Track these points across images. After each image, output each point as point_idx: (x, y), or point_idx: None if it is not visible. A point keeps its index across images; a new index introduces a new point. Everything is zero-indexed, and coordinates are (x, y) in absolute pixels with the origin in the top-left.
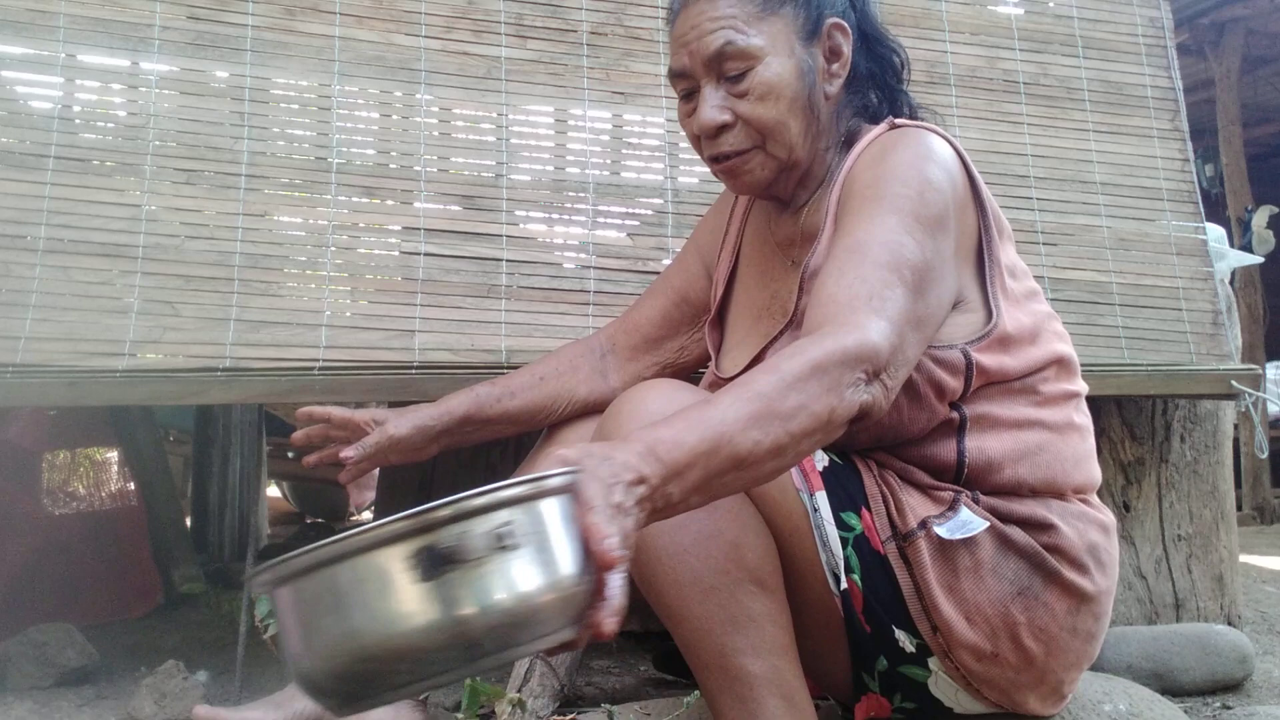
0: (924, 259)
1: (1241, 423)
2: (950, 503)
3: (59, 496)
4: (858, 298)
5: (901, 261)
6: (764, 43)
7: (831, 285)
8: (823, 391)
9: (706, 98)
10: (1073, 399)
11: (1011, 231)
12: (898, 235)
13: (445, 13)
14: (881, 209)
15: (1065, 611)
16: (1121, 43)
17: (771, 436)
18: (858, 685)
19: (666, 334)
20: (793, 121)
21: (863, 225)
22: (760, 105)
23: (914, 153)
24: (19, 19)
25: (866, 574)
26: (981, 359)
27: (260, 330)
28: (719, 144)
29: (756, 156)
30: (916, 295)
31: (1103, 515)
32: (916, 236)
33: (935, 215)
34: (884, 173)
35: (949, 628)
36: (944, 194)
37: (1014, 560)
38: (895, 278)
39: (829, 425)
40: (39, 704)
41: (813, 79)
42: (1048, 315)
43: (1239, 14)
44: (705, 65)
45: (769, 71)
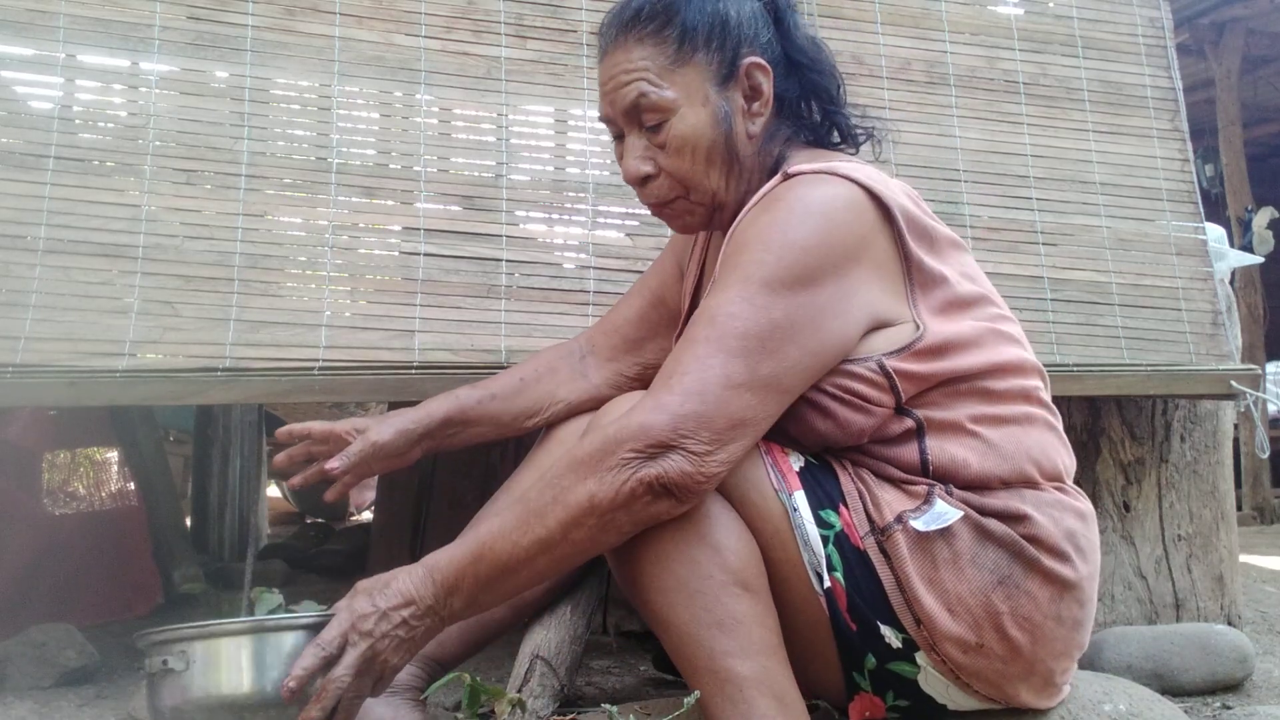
0: (766, 323)
1: (1241, 423)
2: (925, 496)
3: (59, 496)
4: (659, 379)
5: (729, 332)
6: (676, 94)
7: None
8: (577, 481)
9: (630, 148)
10: (1030, 393)
11: (956, 239)
12: (733, 306)
13: (445, 13)
14: (728, 280)
15: (1048, 599)
16: (1121, 43)
17: (530, 535)
18: (850, 686)
19: (645, 335)
20: (711, 170)
21: (711, 299)
22: (677, 158)
23: (785, 213)
24: (19, 19)
25: (848, 571)
26: (902, 366)
27: (260, 330)
28: (647, 193)
29: (681, 204)
30: (749, 358)
31: (1079, 502)
32: (759, 301)
33: (798, 275)
34: (748, 238)
35: (931, 620)
36: (814, 252)
37: (993, 550)
38: (713, 349)
39: (596, 510)
40: (39, 704)
41: (729, 125)
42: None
43: (1239, 14)
44: (625, 116)
45: (684, 125)
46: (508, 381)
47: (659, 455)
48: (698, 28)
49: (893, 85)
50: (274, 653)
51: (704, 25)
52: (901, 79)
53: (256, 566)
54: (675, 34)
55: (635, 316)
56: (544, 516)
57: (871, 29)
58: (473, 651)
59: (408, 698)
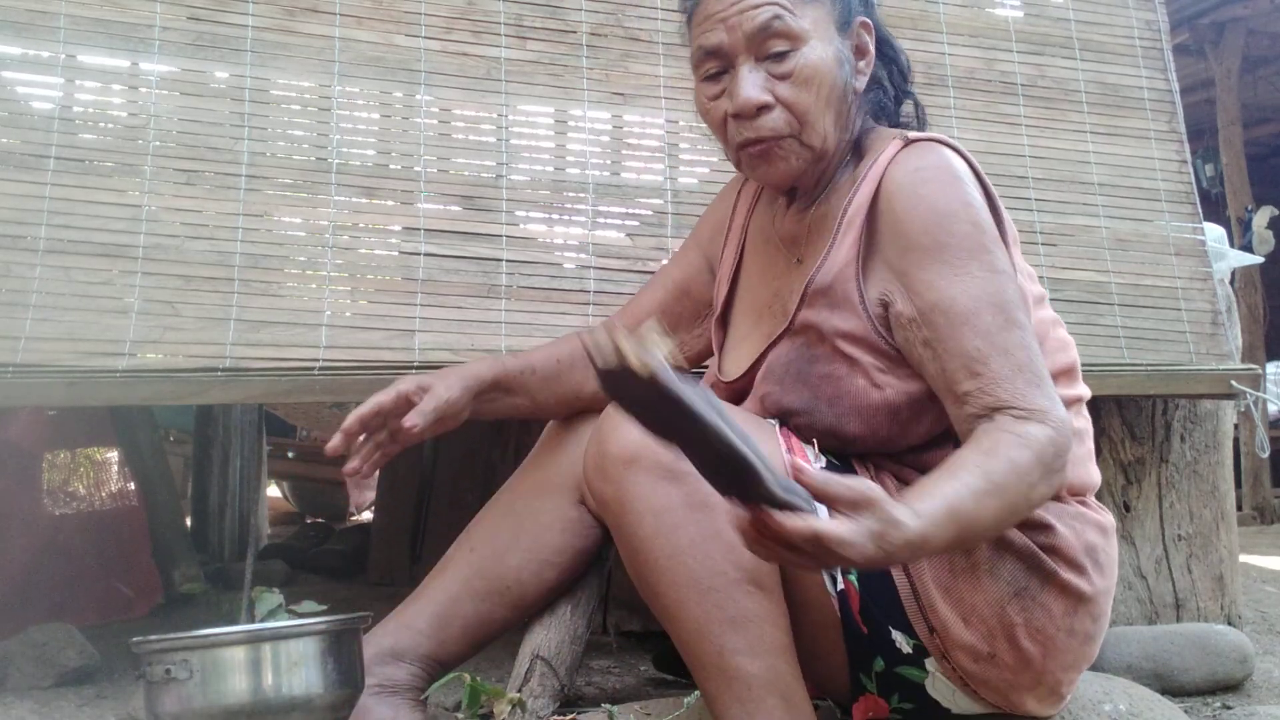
0: (1014, 285)
1: (1242, 423)
2: None
3: (59, 496)
4: (1014, 375)
5: (1010, 307)
6: (809, 25)
7: (981, 367)
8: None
9: (745, 76)
10: (1074, 403)
11: (1018, 235)
12: (991, 283)
13: (445, 13)
14: (958, 260)
15: (1063, 612)
16: (1118, 45)
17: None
18: (855, 686)
19: (669, 326)
20: (828, 111)
21: (956, 286)
22: (803, 90)
23: (944, 180)
24: (19, 19)
25: (863, 575)
26: None
27: (260, 330)
28: (757, 127)
29: (790, 144)
30: (1028, 322)
31: (1101, 516)
32: (998, 267)
33: (992, 234)
34: (930, 213)
35: (946, 629)
36: (984, 209)
37: (1011, 561)
38: (1019, 332)
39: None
40: (39, 704)
41: (847, 70)
42: (1053, 322)
43: (1239, 14)
44: (747, 41)
45: (814, 54)
46: (545, 359)
47: (1065, 453)
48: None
49: None
50: (276, 661)
51: None
52: None
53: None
54: None
55: (658, 309)
56: (1016, 513)
57: None
58: (474, 652)
59: (408, 698)
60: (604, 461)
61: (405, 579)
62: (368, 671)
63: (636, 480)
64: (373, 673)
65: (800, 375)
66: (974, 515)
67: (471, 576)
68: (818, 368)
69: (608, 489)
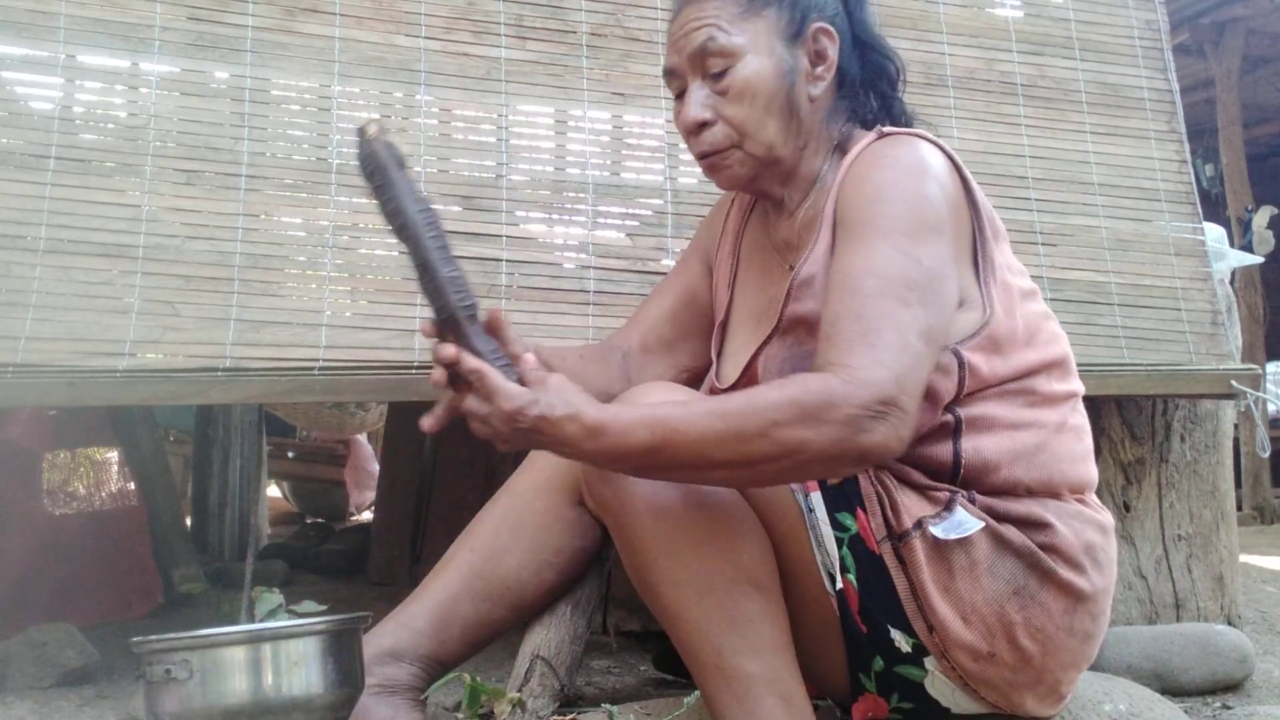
0: (922, 272)
1: (1242, 423)
2: (946, 503)
3: (59, 496)
4: (855, 337)
5: (901, 283)
6: (744, 41)
7: (830, 327)
8: (791, 422)
9: (691, 95)
10: (1069, 399)
11: (1005, 231)
12: (891, 258)
13: (445, 14)
14: (872, 234)
15: (1062, 611)
16: (1118, 45)
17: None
18: (855, 686)
19: (678, 336)
20: (770, 120)
21: (857, 255)
22: (737, 104)
23: (901, 166)
24: (19, 19)
25: (862, 574)
26: (973, 359)
27: (260, 330)
28: (699, 141)
29: (735, 154)
30: (925, 309)
31: (1100, 515)
32: (913, 252)
33: (928, 224)
34: (872, 193)
35: (945, 627)
36: (935, 202)
37: (1010, 560)
38: (895, 304)
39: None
40: (39, 704)
41: (792, 80)
42: (1044, 315)
43: (1239, 14)
44: (690, 62)
45: (747, 69)
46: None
47: (879, 417)
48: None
49: None
50: (276, 661)
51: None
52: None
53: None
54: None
55: (668, 316)
56: (745, 442)
57: None
58: (473, 652)
59: (408, 698)
60: None
61: (405, 579)
62: (367, 671)
63: (635, 481)
64: (372, 673)
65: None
66: (680, 427)
67: (471, 577)
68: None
69: (606, 490)
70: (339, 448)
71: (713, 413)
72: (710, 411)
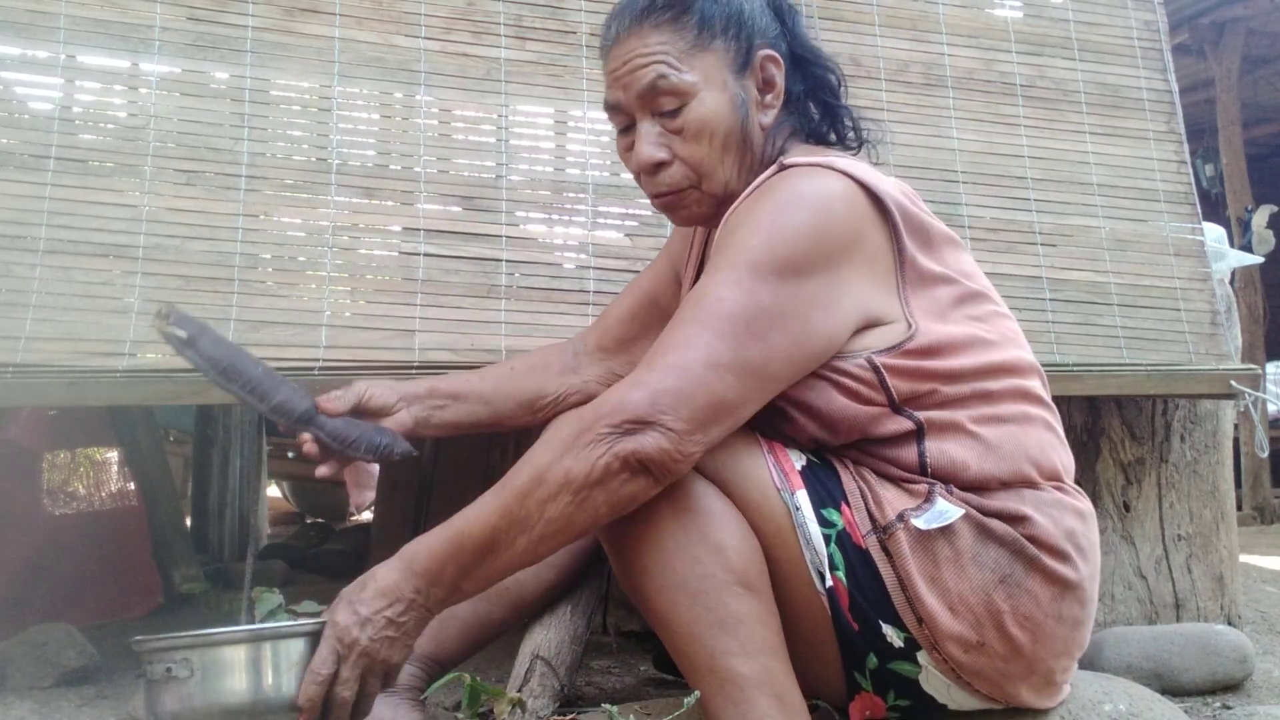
0: (751, 306)
1: (1241, 423)
2: (926, 495)
3: (59, 496)
4: (644, 359)
5: (718, 314)
6: (697, 79)
7: (654, 348)
8: (554, 458)
9: (643, 134)
10: (1028, 394)
11: (951, 235)
12: (720, 290)
13: (445, 14)
14: (720, 265)
15: (1049, 598)
16: (1117, 46)
17: (508, 516)
18: (850, 685)
19: (636, 333)
20: (727, 157)
21: (697, 285)
22: (694, 143)
23: (779, 201)
24: (19, 20)
25: (850, 570)
26: (894, 363)
27: (260, 330)
28: (657, 183)
29: (692, 194)
30: (729, 342)
31: (1079, 502)
32: (746, 285)
33: (787, 262)
34: (736, 224)
35: (933, 619)
36: (809, 236)
37: (994, 549)
38: (699, 330)
39: (571, 486)
40: (39, 704)
41: (745, 111)
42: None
43: (1239, 14)
44: (639, 100)
45: (703, 108)
46: (499, 369)
47: (636, 431)
48: (715, 16)
49: (890, 87)
50: (276, 660)
51: (721, 14)
52: (899, 81)
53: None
54: (694, 21)
55: (626, 315)
56: (523, 497)
57: (870, 31)
58: (473, 651)
59: (408, 698)
60: None
61: None
62: None
63: None
64: None
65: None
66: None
67: None
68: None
69: None
70: None
71: (493, 491)
72: (492, 491)
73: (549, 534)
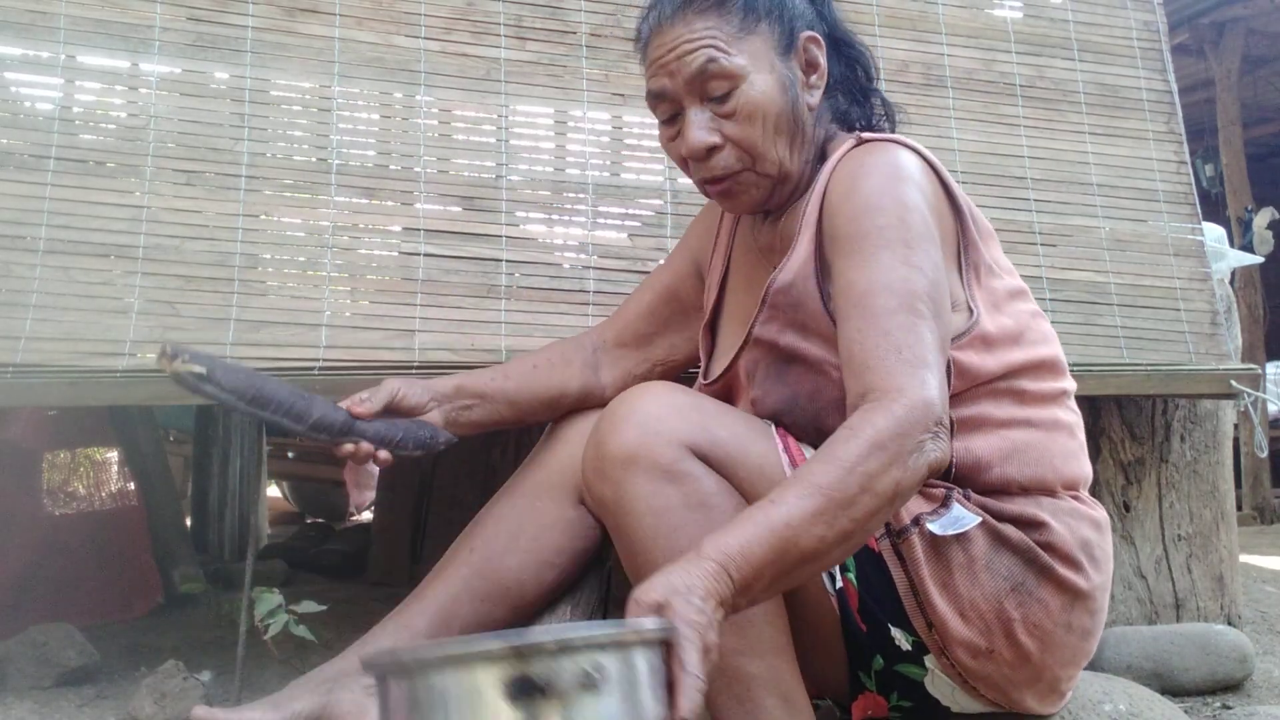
0: (928, 281)
1: (1241, 423)
2: (942, 499)
3: (59, 496)
4: (888, 356)
5: (913, 296)
6: (746, 61)
7: (857, 349)
8: (882, 469)
9: (693, 120)
10: (1060, 397)
11: (993, 230)
12: (898, 271)
13: (444, 14)
14: (872, 247)
15: (1060, 608)
16: (1117, 46)
17: (837, 528)
18: (854, 684)
19: (655, 330)
20: (779, 139)
21: (863, 270)
22: (747, 126)
23: (883, 176)
24: (19, 20)
25: (861, 572)
26: (959, 357)
27: (260, 330)
28: (710, 167)
29: (748, 177)
30: (936, 320)
31: (1095, 511)
32: (914, 262)
33: (920, 231)
34: (861, 204)
35: (944, 624)
36: (921, 209)
37: (1007, 556)
38: (913, 318)
39: (897, 498)
40: (39, 704)
41: (795, 93)
42: (1033, 314)
43: (1239, 14)
44: (688, 86)
45: (754, 90)
46: (521, 365)
47: (938, 435)
48: (758, 1)
49: (890, 87)
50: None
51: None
52: (899, 81)
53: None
54: (739, 5)
55: (646, 312)
56: (851, 506)
57: (870, 31)
58: None
59: None
60: (602, 462)
61: (405, 579)
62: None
63: (635, 481)
64: None
65: (778, 376)
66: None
67: (471, 577)
68: (793, 367)
69: (606, 490)
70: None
71: (803, 493)
72: (801, 493)
73: (857, 543)
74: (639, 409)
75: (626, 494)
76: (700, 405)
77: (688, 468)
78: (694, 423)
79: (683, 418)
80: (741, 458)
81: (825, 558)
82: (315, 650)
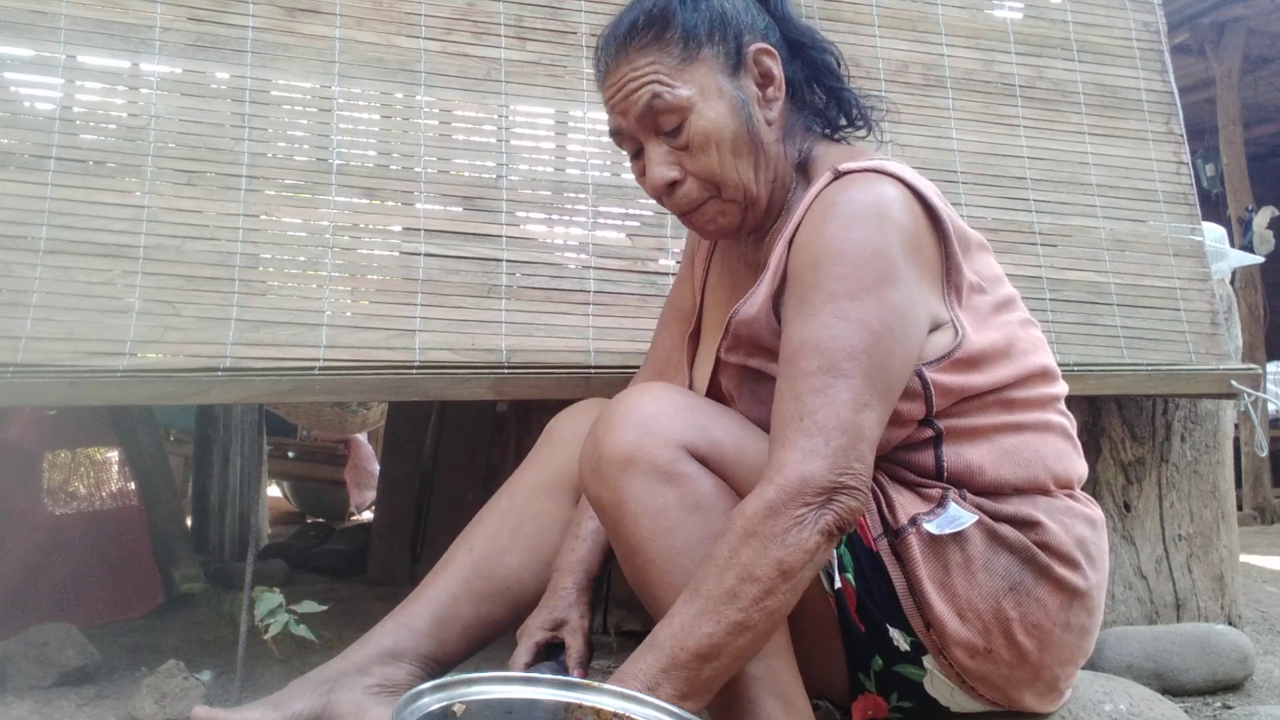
0: (869, 334)
1: (1241, 423)
2: (939, 499)
3: (59, 496)
4: (789, 425)
5: (840, 355)
6: (692, 92)
7: (775, 412)
8: (757, 556)
9: (651, 156)
10: (1050, 402)
11: (983, 240)
12: (832, 329)
13: (445, 14)
14: (818, 302)
15: (1057, 607)
16: (1116, 47)
17: (725, 621)
18: (854, 685)
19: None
20: (740, 162)
21: (797, 326)
22: (702, 156)
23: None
24: (20, 20)
25: (860, 572)
26: (940, 379)
27: (261, 330)
28: (676, 201)
29: (713, 205)
30: (866, 376)
31: (1090, 510)
32: (855, 316)
33: (878, 276)
34: (820, 253)
35: (942, 624)
36: (889, 250)
37: (1004, 556)
38: (829, 379)
39: (791, 574)
40: (39, 704)
41: (747, 113)
42: (1021, 323)
43: (1239, 14)
44: (640, 124)
45: (703, 120)
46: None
47: (829, 500)
48: (698, 25)
49: (890, 88)
50: None
51: (703, 22)
52: (899, 81)
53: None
54: (677, 35)
55: (677, 345)
56: (736, 598)
57: (869, 32)
58: (474, 652)
59: None
60: (599, 463)
61: (405, 579)
62: (365, 671)
63: (632, 482)
64: (371, 673)
65: (752, 394)
66: (685, 635)
67: (471, 577)
68: (764, 385)
69: (603, 491)
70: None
71: (686, 598)
72: (684, 599)
73: (768, 626)
74: (636, 410)
75: (623, 495)
76: (697, 406)
77: (685, 469)
78: (691, 424)
79: (680, 419)
80: (738, 459)
81: (726, 649)
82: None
